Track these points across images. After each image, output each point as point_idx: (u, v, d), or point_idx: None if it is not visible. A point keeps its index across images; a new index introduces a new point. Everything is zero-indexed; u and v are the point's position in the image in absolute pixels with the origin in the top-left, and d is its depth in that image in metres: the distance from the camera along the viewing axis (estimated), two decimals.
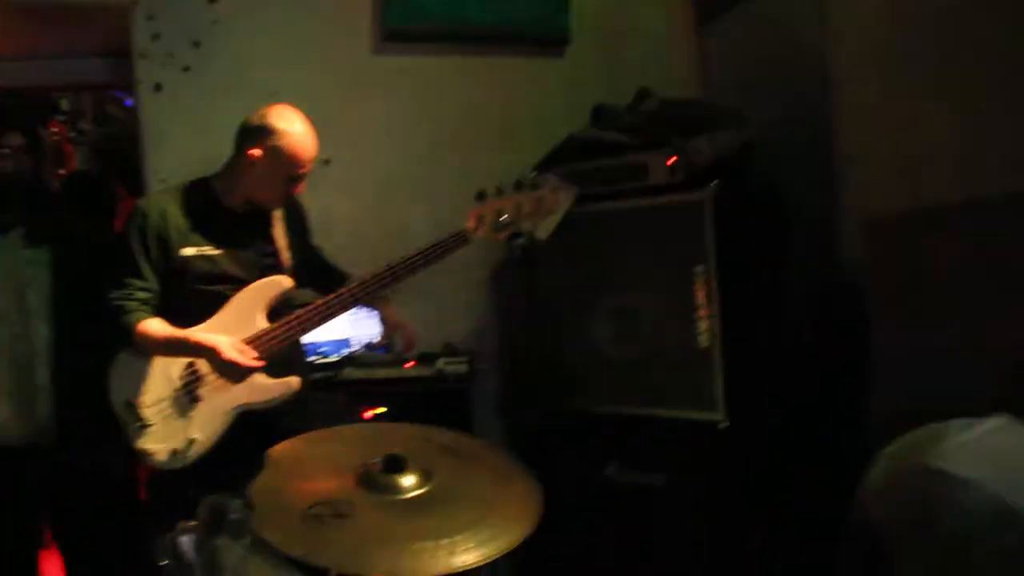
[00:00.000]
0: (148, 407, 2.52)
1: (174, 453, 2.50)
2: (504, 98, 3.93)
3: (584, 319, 3.13)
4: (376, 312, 2.82)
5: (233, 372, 2.48)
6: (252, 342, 2.52)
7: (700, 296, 2.83)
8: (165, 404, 2.53)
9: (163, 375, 2.55)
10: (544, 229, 2.51)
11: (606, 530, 3.06)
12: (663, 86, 3.45)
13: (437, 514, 1.63)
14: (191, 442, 2.50)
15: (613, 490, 3.05)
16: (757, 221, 3.00)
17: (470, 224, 2.51)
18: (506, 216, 2.47)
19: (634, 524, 3.00)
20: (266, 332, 2.54)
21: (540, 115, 3.84)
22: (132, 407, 2.53)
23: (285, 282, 2.62)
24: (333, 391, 3.30)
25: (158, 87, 3.71)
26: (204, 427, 2.50)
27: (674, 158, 2.91)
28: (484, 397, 3.73)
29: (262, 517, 1.51)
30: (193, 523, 1.58)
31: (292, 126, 2.58)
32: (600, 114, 3.35)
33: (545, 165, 3.17)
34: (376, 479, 1.68)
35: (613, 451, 3.07)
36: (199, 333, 2.50)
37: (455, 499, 1.68)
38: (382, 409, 3.25)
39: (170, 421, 2.52)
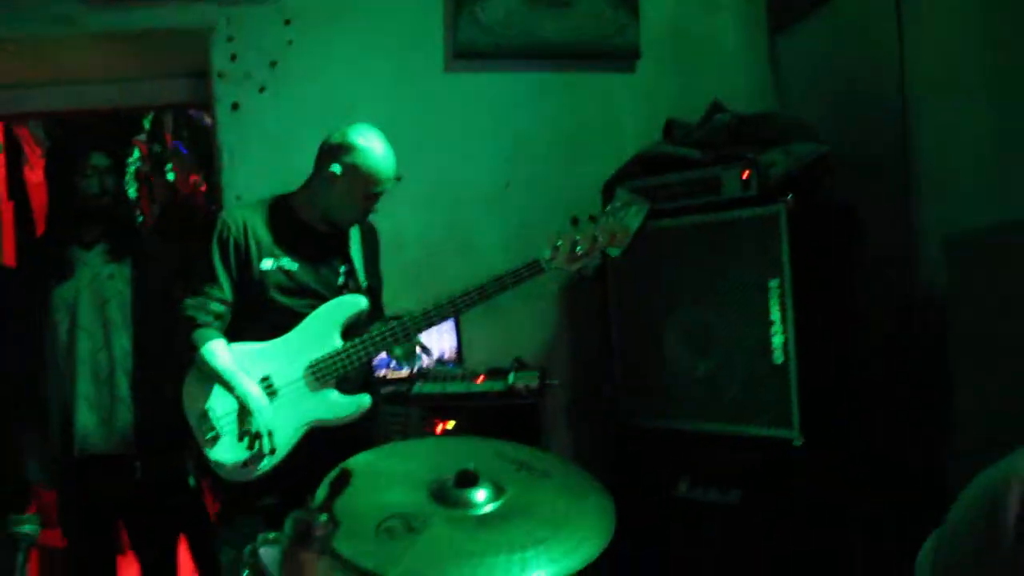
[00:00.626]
0: (220, 418, 2.56)
1: (244, 465, 2.53)
2: (576, 113, 3.92)
3: (657, 334, 3.09)
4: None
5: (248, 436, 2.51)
6: (326, 361, 2.56)
7: (775, 311, 2.79)
8: (237, 416, 2.56)
9: None
10: (617, 247, 2.50)
11: (679, 547, 3.01)
12: (735, 99, 3.41)
13: (509, 529, 1.61)
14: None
15: (685, 507, 3.00)
16: (832, 236, 2.94)
17: (546, 253, 2.51)
18: (581, 248, 2.48)
19: (707, 542, 2.94)
20: (340, 352, 2.57)
21: (612, 130, 3.84)
22: (205, 418, 2.57)
23: (363, 302, 2.64)
24: (405, 405, 3.32)
25: (235, 106, 3.79)
26: (275, 440, 2.52)
27: (748, 172, 2.87)
28: (554, 412, 3.71)
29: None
30: (274, 535, 1.58)
31: (372, 145, 2.61)
32: (672, 128, 3.33)
33: (617, 180, 3.15)
34: (448, 493, 1.67)
35: (686, 467, 3.02)
36: (246, 384, 2.51)
37: (527, 514, 1.66)
38: (452, 423, 3.26)
39: None
